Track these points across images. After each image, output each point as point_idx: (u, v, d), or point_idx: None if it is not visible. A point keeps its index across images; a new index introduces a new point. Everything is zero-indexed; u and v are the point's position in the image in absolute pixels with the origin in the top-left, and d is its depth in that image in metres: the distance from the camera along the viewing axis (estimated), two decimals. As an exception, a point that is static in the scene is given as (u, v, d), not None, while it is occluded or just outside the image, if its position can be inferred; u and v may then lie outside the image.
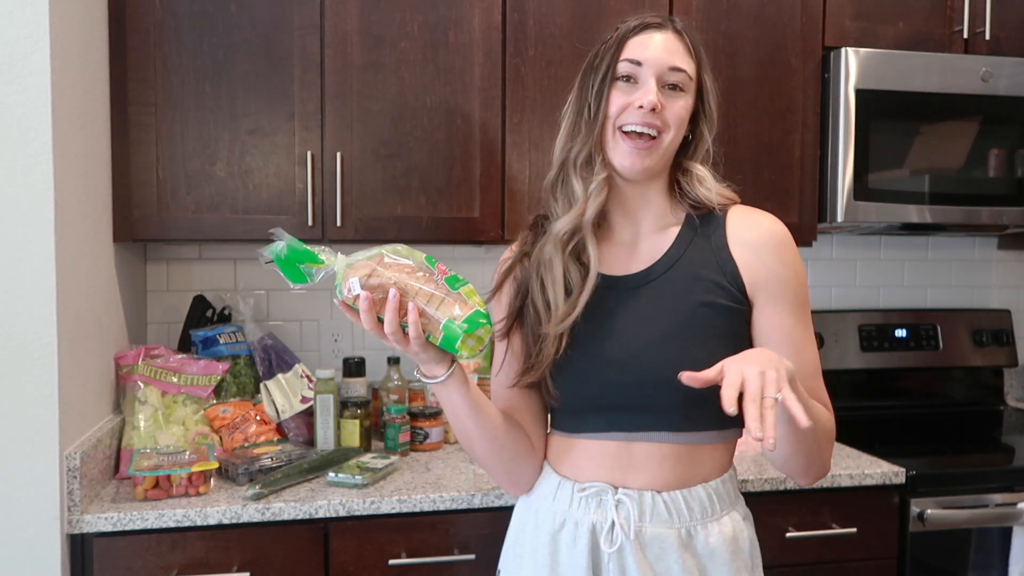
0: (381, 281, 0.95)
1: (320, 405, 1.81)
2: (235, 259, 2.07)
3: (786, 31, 1.93)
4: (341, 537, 1.50)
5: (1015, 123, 2.01)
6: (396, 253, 0.99)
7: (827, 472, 1.08)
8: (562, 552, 1.07)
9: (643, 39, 1.05)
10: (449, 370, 1.03)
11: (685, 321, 1.04)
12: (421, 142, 1.79)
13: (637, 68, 1.04)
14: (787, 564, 1.63)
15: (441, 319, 0.95)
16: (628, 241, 1.12)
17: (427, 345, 0.98)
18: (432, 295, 0.95)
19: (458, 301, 0.96)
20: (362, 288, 0.95)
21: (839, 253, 2.41)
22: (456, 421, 1.09)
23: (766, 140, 1.94)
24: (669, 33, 1.06)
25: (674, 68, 1.04)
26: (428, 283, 0.96)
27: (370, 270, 0.96)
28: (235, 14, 1.70)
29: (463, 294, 0.97)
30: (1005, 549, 1.73)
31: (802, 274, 1.08)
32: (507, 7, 1.80)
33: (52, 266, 1.34)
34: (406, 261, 0.98)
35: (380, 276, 0.96)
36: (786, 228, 1.10)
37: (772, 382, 0.84)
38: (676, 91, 1.05)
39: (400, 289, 0.95)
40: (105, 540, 1.42)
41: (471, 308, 0.95)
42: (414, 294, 0.95)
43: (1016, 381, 2.48)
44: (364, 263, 0.97)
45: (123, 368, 1.70)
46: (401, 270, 0.97)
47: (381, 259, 0.97)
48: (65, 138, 1.40)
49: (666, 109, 1.04)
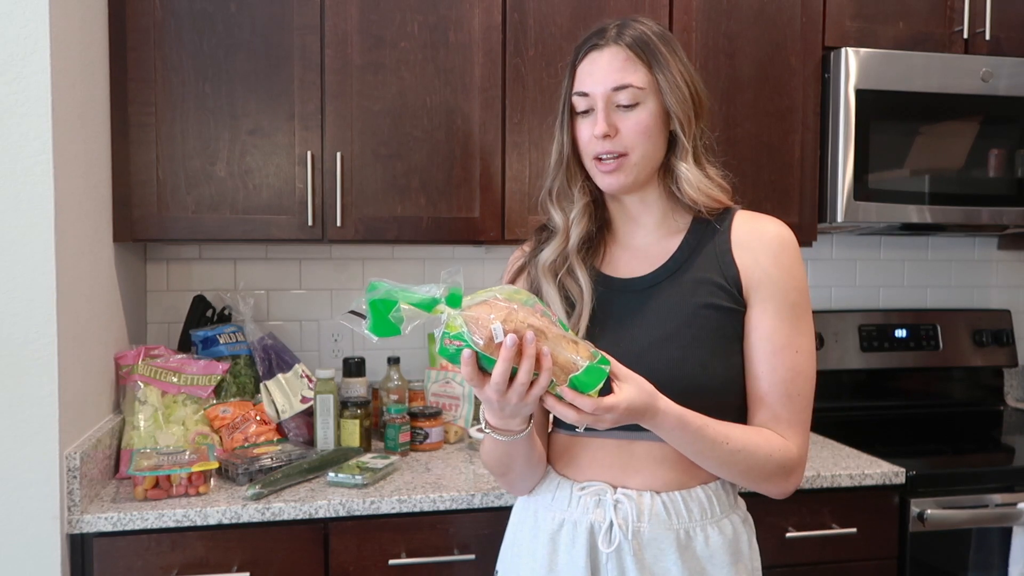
0: (516, 326, 0.83)
1: (320, 405, 1.81)
2: (235, 259, 2.07)
3: (786, 31, 1.93)
4: (341, 537, 1.50)
5: (1015, 123, 2.01)
6: (507, 296, 0.86)
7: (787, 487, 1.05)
8: (560, 552, 1.07)
9: (587, 66, 1.07)
10: (528, 425, 1.00)
11: (687, 322, 1.04)
12: (421, 142, 1.79)
13: (586, 99, 1.07)
14: (787, 564, 1.63)
15: (582, 364, 0.84)
16: (635, 245, 1.14)
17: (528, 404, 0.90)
18: (556, 336, 0.84)
19: (574, 344, 0.86)
20: (505, 333, 0.82)
21: (839, 253, 2.41)
22: (504, 459, 1.07)
23: (766, 140, 1.94)
24: (609, 49, 1.06)
25: (618, 87, 1.05)
26: (552, 327, 0.85)
27: (507, 312, 0.83)
28: (235, 14, 1.70)
29: (570, 336, 0.87)
30: (1005, 549, 1.73)
31: (799, 279, 1.06)
32: (507, 7, 1.80)
33: (52, 266, 1.34)
34: (520, 298, 0.85)
35: (514, 320, 0.83)
36: (792, 233, 1.09)
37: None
38: (630, 107, 1.05)
39: (537, 332, 0.83)
40: (105, 540, 1.42)
41: (587, 350, 0.86)
42: (546, 340, 0.84)
43: (1016, 381, 2.48)
44: (490, 305, 0.84)
45: (123, 368, 1.70)
46: (529, 314, 0.84)
47: (496, 302, 0.85)
48: (65, 138, 1.40)
49: (622, 128, 1.05)
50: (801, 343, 1.05)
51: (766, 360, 1.04)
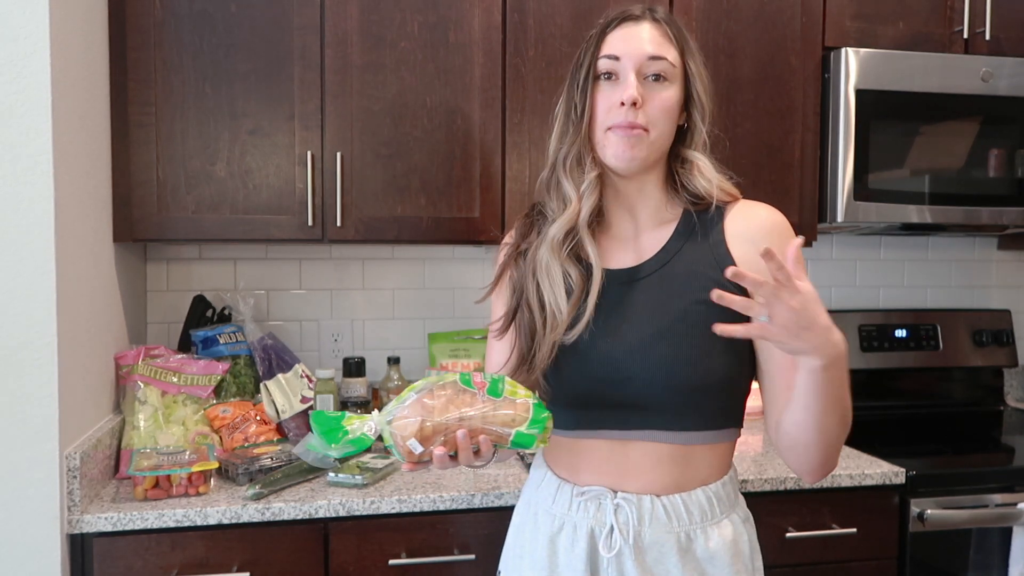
0: (435, 429, 0.92)
1: (320, 405, 1.81)
2: (235, 259, 2.07)
3: (786, 31, 1.93)
4: (341, 537, 1.50)
5: (1015, 123, 2.01)
6: (429, 386, 0.94)
7: (834, 468, 1.05)
8: (560, 555, 1.07)
9: (621, 32, 1.04)
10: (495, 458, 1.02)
11: (680, 318, 1.02)
12: (421, 142, 1.79)
13: (616, 63, 1.03)
14: (787, 564, 1.63)
15: (509, 433, 0.93)
16: (625, 236, 1.11)
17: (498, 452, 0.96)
18: (485, 415, 0.92)
19: (510, 405, 0.93)
20: (422, 446, 0.92)
21: (839, 253, 2.41)
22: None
23: (766, 140, 1.94)
24: (647, 23, 1.05)
25: (654, 57, 1.02)
26: (475, 403, 0.93)
27: (418, 424, 0.91)
28: (235, 14, 1.70)
29: (508, 395, 0.94)
30: (1005, 549, 1.73)
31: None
32: (507, 7, 1.80)
33: (52, 266, 1.34)
34: (442, 392, 0.93)
35: (432, 425, 0.91)
36: (784, 217, 1.08)
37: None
38: (659, 81, 1.03)
39: (455, 428, 0.92)
40: (105, 540, 1.42)
41: (525, 406, 0.93)
42: (471, 422, 0.92)
43: (1016, 381, 2.48)
44: (407, 416, 0.92)
45: (123, 368, 1.70)
46: (447, 404, 0.92)
47: (421, 402, 0.93)
48: (65, 138, 1.40)
49: (649, 102, 1.02)
50: None
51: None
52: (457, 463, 0.93)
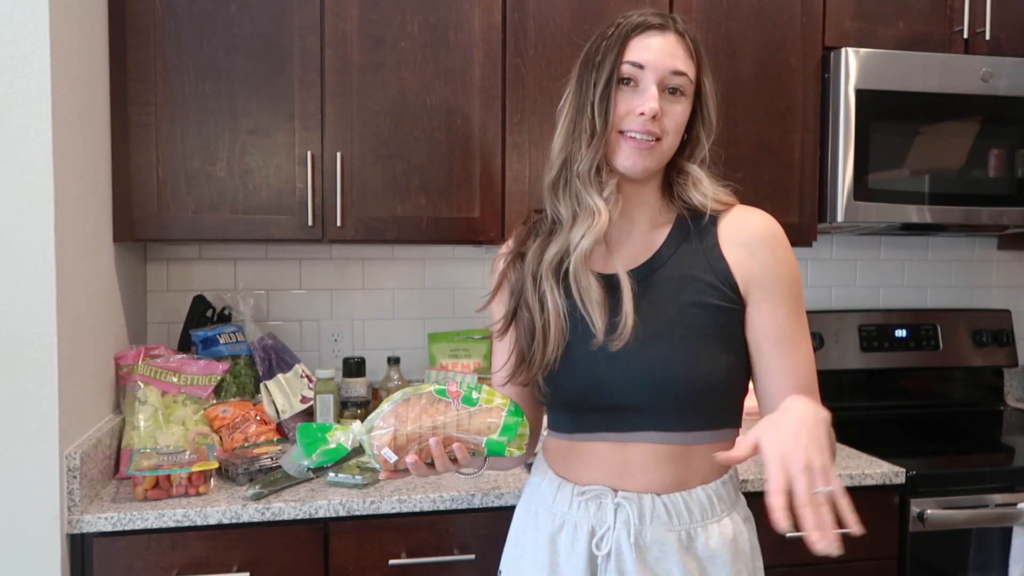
0: (408, 437, 0.96)
1: (320, 405, 1.81)
2: (235, 259, 2.07)
3: (786, 31, 1.93)
4: (341, 537, 1.50)
5: (1015, 123, 2.01)
6: (405, 397, 0.98)
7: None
8: (561, 554, 1.07)
9: (645, 40, 1.04)
10: (484, 466, 1.07)
11: (675, 321, 1.03)
12: (421, 142, 1.79)
13: (639, 71, 1.03)
14: (787, 564, 1.63)
15: (481, 440, 0.97)
16: (618, 240, 1.10)
17: (474, 458, 1.01)
18: (459, 422, 0.97)
19: (485, 413, 0.97)
20: (396, 455, 0.96)
21: (839, 253, 2.41)
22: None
23: (766, 140, 1.94)
24: (671, 35, 1.05)
25: (676, 72, 1.03)
26: (449, 412, 0.97)
27: (391, 434, 0.96)
28: (235, 14, 1.70)
29: (483, 403, 0.98)
30: (1005, 549, 1.73)
31: (795, 270, 1.07)
32: (507, 7, 1.80)
33: (52, 266, 1.34)
34: (417, 402, 0.98)
35: (405, 434, 0.96)
36: (778, 224, 1.08)
37: (820, 473, 0.82)
38: (676, 95, 1.04)
39: (429, 436, 0.96)
40: (105, 540, 1.42)
41: (499, 413, 0.97)
42: (444, 430, 0.96)
43: (1016, 381, 2.48)
44: (381, 427, 0.97)
45: (123, 368, 1.70)
46: (420, 414, 0.97)
47: (395, 412, 0.97)
48: (65, 138, 1.40)
49: (666, 115, 1.03)
50: (806, 332, 1.07)
51: (788, 355, 1.03)
52: (436, 471, 0.98)
